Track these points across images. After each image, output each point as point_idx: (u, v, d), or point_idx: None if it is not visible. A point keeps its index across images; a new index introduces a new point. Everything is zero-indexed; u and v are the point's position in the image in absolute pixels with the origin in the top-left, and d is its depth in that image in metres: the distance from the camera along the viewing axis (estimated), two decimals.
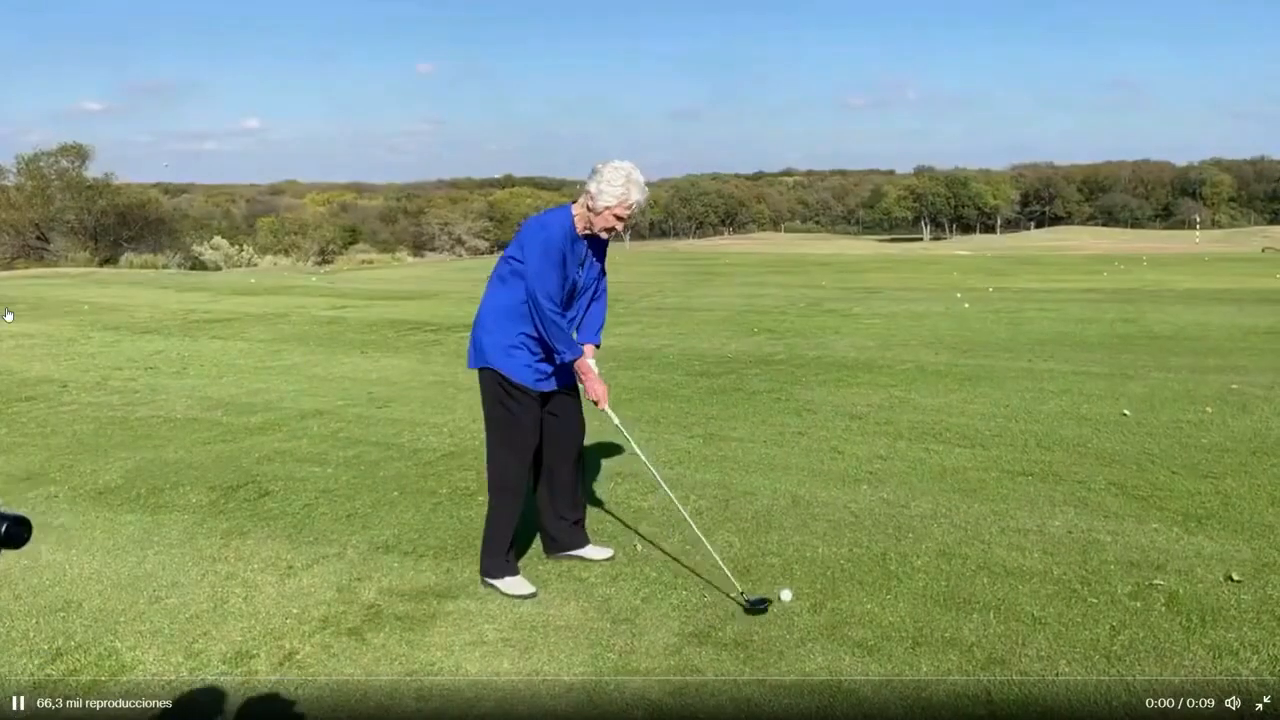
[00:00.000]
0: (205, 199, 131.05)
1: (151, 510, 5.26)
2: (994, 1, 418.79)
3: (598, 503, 5.20)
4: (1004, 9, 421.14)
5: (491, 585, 4.11)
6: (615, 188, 3.96)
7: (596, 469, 5.83)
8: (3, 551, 1.81)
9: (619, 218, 4.00)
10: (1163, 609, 3.75)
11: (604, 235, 4.08)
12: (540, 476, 4.41)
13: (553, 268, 4.00)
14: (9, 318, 14.81)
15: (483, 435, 4.44)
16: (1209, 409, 7.08)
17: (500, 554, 4.15)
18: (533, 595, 4.03)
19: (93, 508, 5.33)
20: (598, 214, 3.99)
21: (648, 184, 4.09)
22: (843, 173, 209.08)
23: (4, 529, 1.99)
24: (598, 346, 4.35)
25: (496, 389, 4.16)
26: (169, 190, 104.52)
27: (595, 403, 4.23)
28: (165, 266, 40.22)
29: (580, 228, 4.06)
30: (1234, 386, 7.86)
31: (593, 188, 3.99)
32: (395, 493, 5.51)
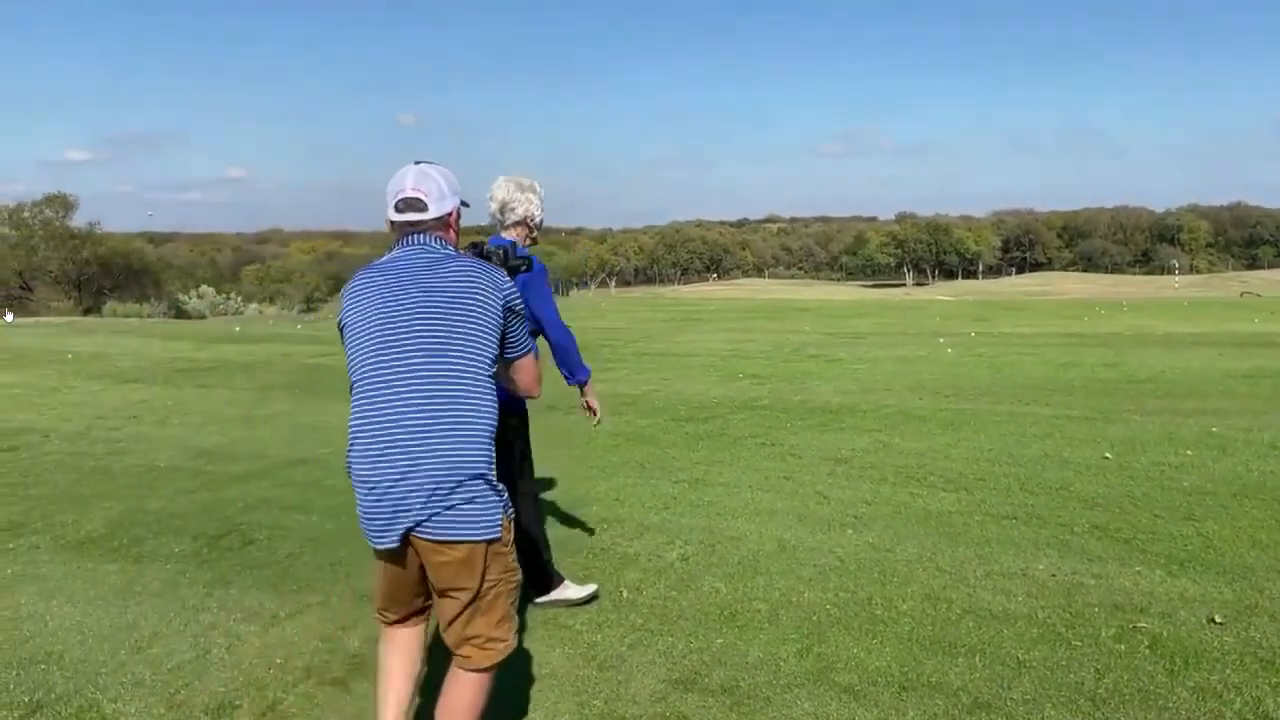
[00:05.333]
0: (190, 248, 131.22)
1: (134, 560, 5.23)
2: (958, 53, 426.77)
3: (584, 548, 5.20)
4: (969, 60, 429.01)
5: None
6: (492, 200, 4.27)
7: (582, 516, 5.84)
8: None
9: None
10: (1146, 652, 3.77)
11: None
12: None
13: None
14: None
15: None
16: (1189, 452, 7.14)
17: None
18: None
19: (75, 558, 5.28)
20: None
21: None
22: (825, 219, 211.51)
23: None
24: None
25: None
26: (153, 239, 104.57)
27: None
28: (150, 316, 40.11)
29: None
30: (1214, 429, 7.94)
31: None
32: None
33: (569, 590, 4.42)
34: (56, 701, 3.60)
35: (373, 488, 2.60)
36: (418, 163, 2.84)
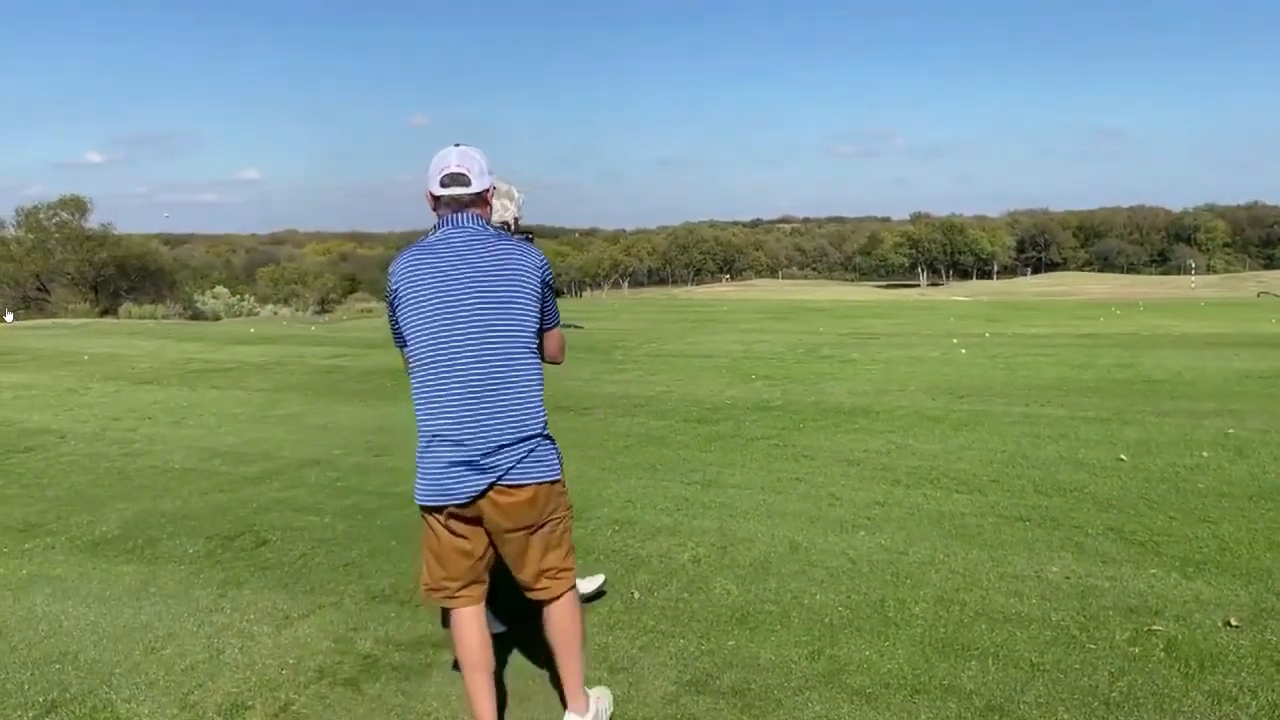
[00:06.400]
0: (205, 249, 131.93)
1: (148, 561, 5.25)
2: (976, 53, 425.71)
3: (595, 550, 5.19)
4: (986, 60, 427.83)
5: None
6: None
7: (594, 517, 5.84)
8: None
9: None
10: (1161, 655, 3.74)
11: None
12: None
13: None
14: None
15: None
16: (1205, 453, 7.09)
17: None
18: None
19: (89, 559, 5.32)
20: None
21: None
22: (839, 219, 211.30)
23: None
24: None
25: None
26: (169, 241, 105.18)
27: None
28: (165, 317, 40.30)
29: None
30: (1230, 431, 7.88)
31: None
32: (393, 541, 5.50)
33: (580, 585, 4.41)
34: (71, 701, 3.62)
35: (453, 447, 2.97)
36: (457, 145, 3.11)
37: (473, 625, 3.16)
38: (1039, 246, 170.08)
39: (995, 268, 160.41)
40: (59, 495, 6.80)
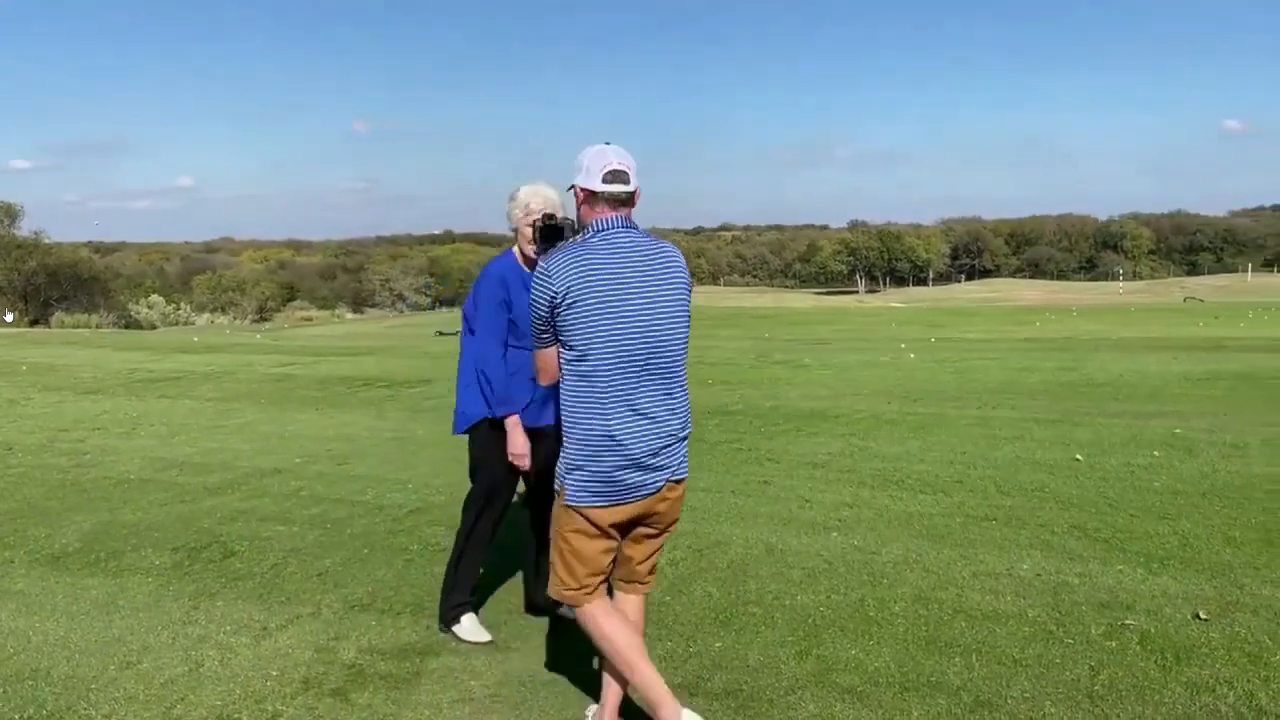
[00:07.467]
0: (138, 257, 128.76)
1: (114, 574, 5.13)
2: (913, 62, 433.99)
3: None
4: (923, 69, 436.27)
5: (452, 632, 4.16)
6: (517, 204, 3.98)
7: None
8: None
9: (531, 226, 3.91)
10: (1137, 648, 3.85)
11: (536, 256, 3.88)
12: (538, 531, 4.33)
13: (496, 312, 3.98)
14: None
15: (449, 492, 4.42)
16: (1157, 453, 7.30)
17: (462, 597, 4.18)
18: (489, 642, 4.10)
19: (51, 572, 5.17)
20: (520, 235, 4.00)
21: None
22: (779, 228, 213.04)
23: None
24: None
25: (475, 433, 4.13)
26: (100, 249, 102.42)
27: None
28: (99, 326, 39.26)
29: (522, 262, 4.03)
30: (1177, 431, 8.12)
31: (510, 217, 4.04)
32: (365, 550, 5.44)
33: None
34: (48, 718, 3.53)
35: (644, 445, 3.01)
36: (608, 143, 3.09)
37: (613, 612, 3.19)
38: (972, 254, 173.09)
39: (930, 274, 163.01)
40: (11, 508, 6.60)
